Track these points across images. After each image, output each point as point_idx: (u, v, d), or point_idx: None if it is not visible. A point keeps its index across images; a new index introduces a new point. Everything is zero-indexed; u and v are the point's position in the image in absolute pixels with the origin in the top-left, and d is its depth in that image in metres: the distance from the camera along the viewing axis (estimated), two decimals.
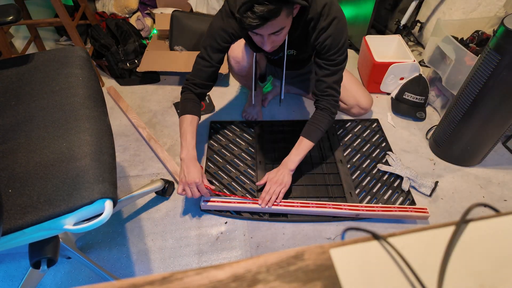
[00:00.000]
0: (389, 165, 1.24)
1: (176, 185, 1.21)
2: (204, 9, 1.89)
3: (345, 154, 1.29)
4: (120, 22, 1.75)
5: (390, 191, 1.17)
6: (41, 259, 0.70)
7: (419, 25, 1.81)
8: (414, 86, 1.46)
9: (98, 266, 0.91)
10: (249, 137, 1.38)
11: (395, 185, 1.18)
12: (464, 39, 1.35)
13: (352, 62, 1.84)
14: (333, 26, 0.97)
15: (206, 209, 1.11)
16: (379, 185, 1.19)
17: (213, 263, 1.00)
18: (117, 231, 1.08)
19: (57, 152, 0.65)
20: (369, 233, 0.30)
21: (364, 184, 1.19)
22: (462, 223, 0.31)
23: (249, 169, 1.24)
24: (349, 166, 1.25)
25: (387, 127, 1.44)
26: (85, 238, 1.06)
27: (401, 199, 1.14)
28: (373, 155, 1.29)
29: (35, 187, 0.59)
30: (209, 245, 1.04)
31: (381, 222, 1.09)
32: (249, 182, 1.20)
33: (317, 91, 1.08)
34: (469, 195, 1.17)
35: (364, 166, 1.25)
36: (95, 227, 0.58)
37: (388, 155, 1.28)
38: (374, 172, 1.23)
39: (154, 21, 1.97)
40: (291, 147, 1.32)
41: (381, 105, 1.55)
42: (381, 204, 1.10)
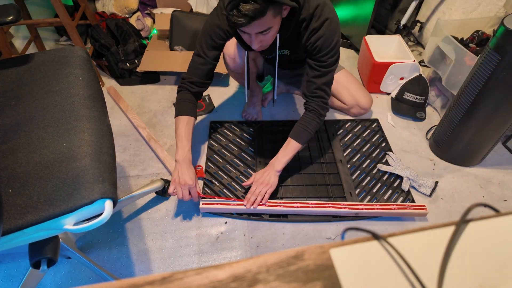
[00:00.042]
0: (389, 165, 1.24)
1: None
2: (204, 9, 1.89)
3: (345, 154, 1.29)
4: (120, 22, 1.75)
5: (390, 191, 1.17)
6: (41, 259, 0.70)
7: (419, 25, 1.81)
8: (414, 86, 1.46)
9: (98, 266, 0.91)
10: (249, 137, 1.38)
11: (395, 185, 1.18)
12: (464, 39, 1.35)
13: (352, 62, 1.84)
14: (325, 27, 0.97)
15: (206, 212, 1.11)
16: (379, 185, 1.19)
17: (213, 263, 1.00)
18: (117, 231, 1.08)
19: (57, 152, 0.65)
20: (369, 233, 0.30)
21: (364, 184, 1.19)
22: (462, 223, 0.31)
23: (249, 169, 1.24)
24: (349, 166, 1.25)
25: (387, 127, 1.44)
26: (85, 238, 1.06)
27: (401, 199, 1.14)
28: (373, 155, 1.29)
29: (35, 187, 0.59)
30: (209, 245, 1.04)
31: (381, 222, 1.09)
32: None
33: (307, 92, 1.08)
34: (469, 195, 1.17)
35: (364, 166, 1.25)
36: (95, 227, 0.58)
37: (388, 155, 1.28)
38: (374, 172, 1.23)
39: (154, 21, 1.97)
40: None
41: (381, 105, 1.55)
42: (380, 203, 1.10)
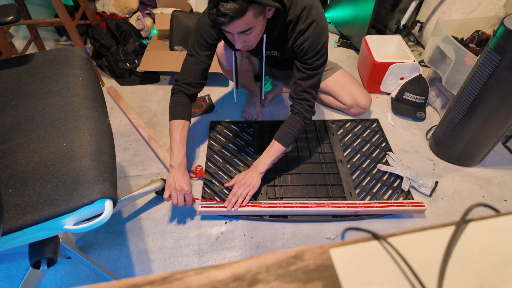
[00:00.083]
0: (389, 165, 1.24)
1: None
2: (204, 9, 1.89)
3: (345, 154, 1.29)
4: (120, 22, 1.75)
5: (390, 191, 1.17)
6: (41, 259, 0.70)
7: (419, 25, 1.81)
8: (414, 86, 1.46)
9: (98, 266, 0.91)
10: (249, 137, 1.38)
11: (395, 185, 1.18)
12: (464, 39, 1.35)
13: (352, 62, 1.84)
14: (311, 29, 0.96)
15: (204, 214, 1.11)
16: (379, 185, 1.19)
17: (213, 263, 1.00)
18: (117, 231, 1.08)
19: (57, 152, 0.65)
20: (369, 233, 0.30)
21: (364, 184, 1.19)
22: (462, 223, 0.31)
23: None
24: (349, 166, 1.25)
25: (387, 127, 1.44)
26: (85, 238, 1.06)
27: (401, 199, 1.14)
28: (373, 155, 1.29)
29: (35, 187, 0.59)
30: (209, 245, 1.04)
31: (380, 222, 1.09)
32: None
33: (293, 94, 1.08)
34: (469, 195, 1.17)
35: (364, 166, 1.25)
36: (95, 227, 0.58)
37: (388, 155, 1.28)
38: (374, 172, 1.23)
39: (154, 21, 1.97)
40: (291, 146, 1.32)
41: (381, 105, 1.55)
42: (378, 201, 1.10)
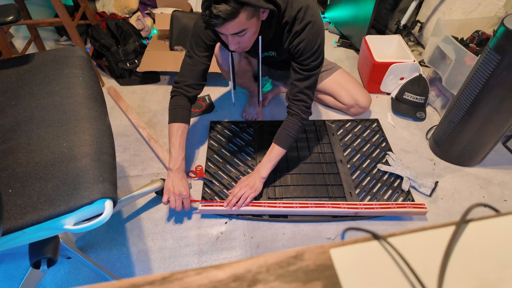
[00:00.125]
0: (389, 165, 1.24)
1: None
2: None
3: (345, 154, 1.29)
4: (120, 22, 1.75)
5: (390, 191, 1.17)
6: (41, 259, 0.70)
7: (419, 25, 1.81)
8: (414, 86, 1.46)
9: (98, 266, 0.91)
10: (249, 137, 1.38)
11: (395, 185, 1.18)
12: (464, 39, 1.35)
13: (352, 62, 1.84)
14: (307, 30, 0.96)
15: (204, 213, 1.11)
16: (379, 185, 1.19)
17: (213, 263, 1.00)
18: (117, 231, 1.08)
19: (57, 152, 0.65)
20: (369, 233, 0.30)
21: (364, 184, 1.19)
22: (462, 223, 0.31)
23: (249, 169, 1.24)
24: (349, 166, 1.25)
25: (387, 127, 1.44)
26: (85, 238, 1.06)
27: (401, 199, 1.14)
28: (373, 155, 1.29)
29: (35, 187, 0.59)
30: (209, 245, 1.04)
31: (380, 222, 1.09)
32: None
33: (290, 95, 1.08)
34: (469, 195, 1.17)
35: (364, 166, 1.25)
36: (95, 227, 0.58)
37: (388, 155, 1.28)
38: (374, 172, 1.23)
39: (154, 21, 1.97)
40: (291, 146, 1.32)
41: (381, 105, 1.55)
42: (380, 202, 1.10)
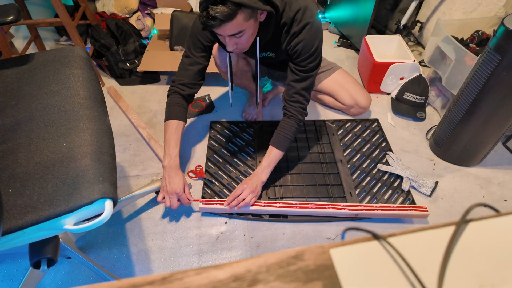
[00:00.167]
0: (389, 165, 1.24)
1: None
2: None
3: (345, 154, 1.29)
4: (120, 22, 1.75)
5: (390, 191, 1.17)
6: (41, 259, 0.70)
7: (419, 25, 1.81)
8: (414, 86, 1.46)
9: (98, 266, 0.91)
10: (249, 137, 1.38)
11: (395, 185, 1.18)
12: (464, 39, 1.35)
13: (352, 62, 1.84)
14: (305, 31, 0.97)
15: (205, 212, 1.11)
16: (379, 185, 1.19)
17: (213, 263, 1.00)
18: (117, 231, 1.08)
19: (57, 152, 0.65)
20: (369, 233, 0.30)
21: (364, 184, 1.19)
22: (462, 223, 0.31)
23: (249, 169, 1.24)
24: (349, 166, 1.25)
25: (387, 127, 1.44)
26: (85, 238, 1.06)
27: (401, 199, 1.14)
28: (373, 155, 1.29)
29: (35, 187, 0.59)
30: (209, 245, 1.04)
31: (381, 222, 1.09)
32: None
33: (286, 96, 1.08)
34: (469, 195, 1.17)
35: (364, 166, 1.25)
36: (95, 227, 0.58)
37: (388, 155, 1.28)
38: (374, 172, 1.23)
39: (154, 21, 1.97)
40: (291, 146, 1.32)
41: (381, 105, 1.55)
42: (380, 204, 1.10)
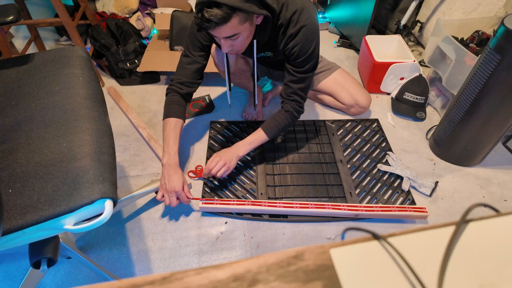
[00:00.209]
0: (389, 165, 1.24)
1: None
2: None
3: (345, 154, 1.29)
4: (120, 22, 1.75)
5: (390, 191, 1.17)
6: (41, 259, 0.70)
7: (419, 25, 1.81)
8: (414, 86, 1.46)
9: (98, 266, 0.91)
10: None
11: (395, 185, 1.18)
12: (464, 39, 1.35)
13: (352, 62, 1.84)
14: (301, 33, 0.97)
15: (205, 211, 1.11)
16: (379, 185, 1.19)
17: (213, 263, 1.00)
18: (117, 231, 1.08)
19: (57, 152, 0.65)
20: (369, 233, 0.30)
21: (364, 184, 1.19)
22: (462, 223, 0.31)
23: (249, 169, 1.24)
24: (349, 166, 1.25)
25: (387, 127, 1.44)
26: (85, 238, 1.06)
27: (401, 199, 1.14)
28: (373, 155, 1.29)
29: (35, 187, 0.59)
30: (209, 245, 1.04)
31: (381, 222, 1.09)
32: (249, 182, 1.20)
33: (284, 94, 1.11)
34: (469, 195, 1.17)
35: (364, 166, 1.25)
36: (95, 227, 0.58)
37: (388, 155, 1.28)
38: (374, 172, 1.23)
39: (154, 21, 1.97)
40: (291, 146, 1.32)
41: (381, 105, 1.55)
42: (380, 204, 1.10)
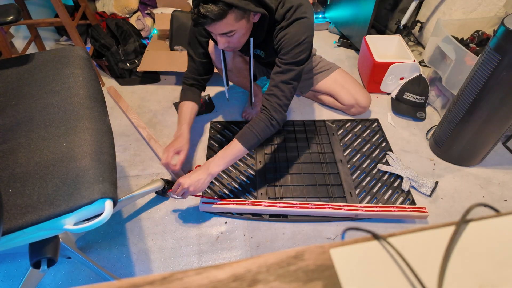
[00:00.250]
0: (389, 165, 1.24)
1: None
2: None
3: (345, 154, 1.29)
4: (120, 22, 1.75)
5: (390, 191, 1.17)
6: (41, 259, 0.70)
7: (419, 25, 1.81)
8: (414, 86, 1.46)
9: (98, 266, 0.91)
10: None
11: (395, 185, 1.18)
12: (464, 39, 1.35)
13: (352, 62, 1.84)
14: (292, 26, 0.96)
15: (205, 211, 1.11)
16: (379, 185, 1.19)
17: (213, 263, 1.00)
18: (117, 231, 1.08)
19: (57, 152, 0.65)
20: (369, 233, 0.30)
21: (364, 184, 1.19)
22: (462, 223, 0.31)
23: (249, 169, 1.24)
24: (349, 166, 1.25)
25: (387, 127, 1.44)
26: (85, 238, 1.06)
27: (401, 199, 1.14)
28: (373, 155, 1.29)
29: (35, 187, 0.59)
30: (209, 245, 1.04)
31: (381, 222, 1.09)
32: (249, 182, 1.20)
33: (267, 89, 1.04)
34: (469, 195, 1.17)
35: (364, 166, 1.25)
36: (95, 227, 0.58)
37: (388, 155, 1.28)
38: (374, 172, 1.23)
39: (154, 21, 1.97)
40: (291, 146, 1.32)
41: (381, 105, 1.55)
42: (380, 204, 1.10)
